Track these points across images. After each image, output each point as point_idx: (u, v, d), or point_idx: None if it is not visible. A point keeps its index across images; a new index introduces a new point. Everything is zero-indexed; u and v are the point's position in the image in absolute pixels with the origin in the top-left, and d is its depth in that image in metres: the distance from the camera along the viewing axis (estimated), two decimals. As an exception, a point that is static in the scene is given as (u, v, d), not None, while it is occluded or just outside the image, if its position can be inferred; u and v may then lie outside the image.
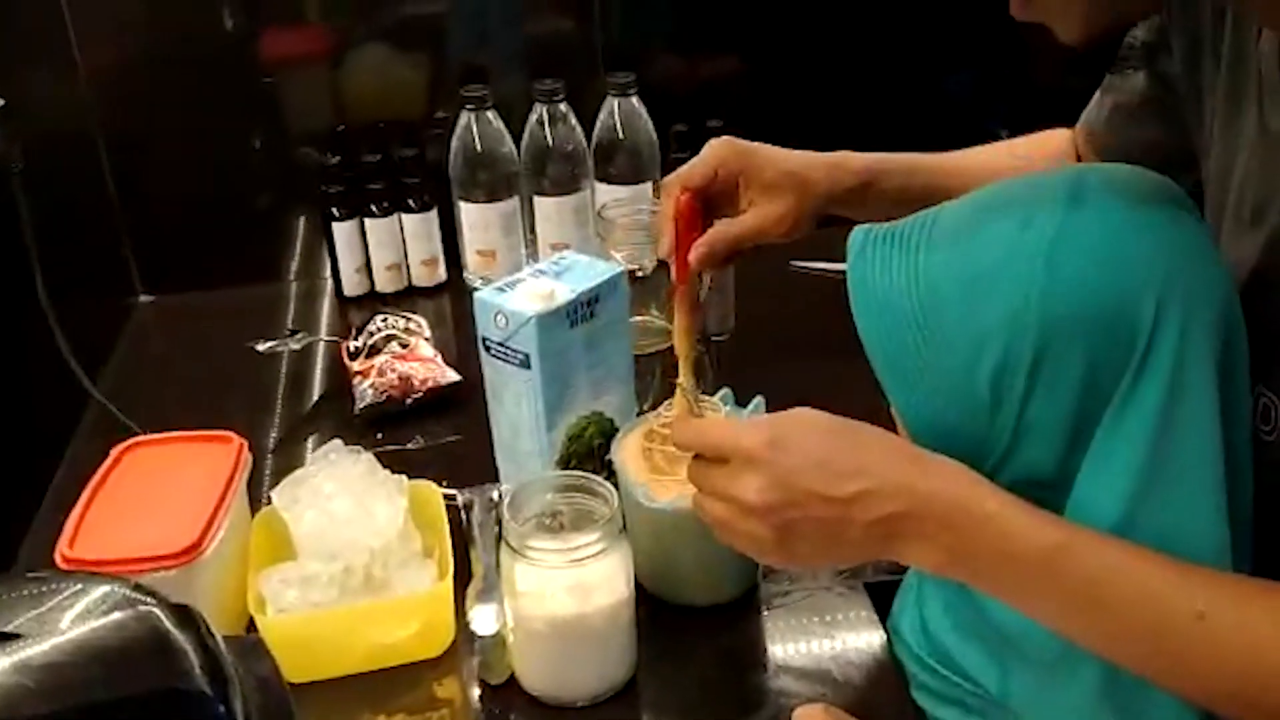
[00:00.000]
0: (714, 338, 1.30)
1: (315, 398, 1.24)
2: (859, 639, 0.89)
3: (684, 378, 0.85)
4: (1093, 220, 0.65)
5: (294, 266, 1.49)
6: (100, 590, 0.54)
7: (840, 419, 0.69)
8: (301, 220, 1.48)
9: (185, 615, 0.50)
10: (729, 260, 0.93)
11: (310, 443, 1.15)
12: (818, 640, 0.89)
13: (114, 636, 0.48)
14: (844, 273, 1.37)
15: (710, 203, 0.92)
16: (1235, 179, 0.72)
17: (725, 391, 0.94)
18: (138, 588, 0.54)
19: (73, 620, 0.51)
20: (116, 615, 0.49)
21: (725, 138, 0.94)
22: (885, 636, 0.87)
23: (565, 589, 0.82)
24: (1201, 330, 0.63)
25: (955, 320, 0.67)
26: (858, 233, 0.73)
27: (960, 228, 0.69)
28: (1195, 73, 0.78)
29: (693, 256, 0.89)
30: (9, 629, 0.51)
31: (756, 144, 0.94)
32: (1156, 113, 0.88)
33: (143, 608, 0.49)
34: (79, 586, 0.55)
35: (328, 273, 1.43)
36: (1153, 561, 0.62)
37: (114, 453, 0.94)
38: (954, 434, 0.68)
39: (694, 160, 0.93)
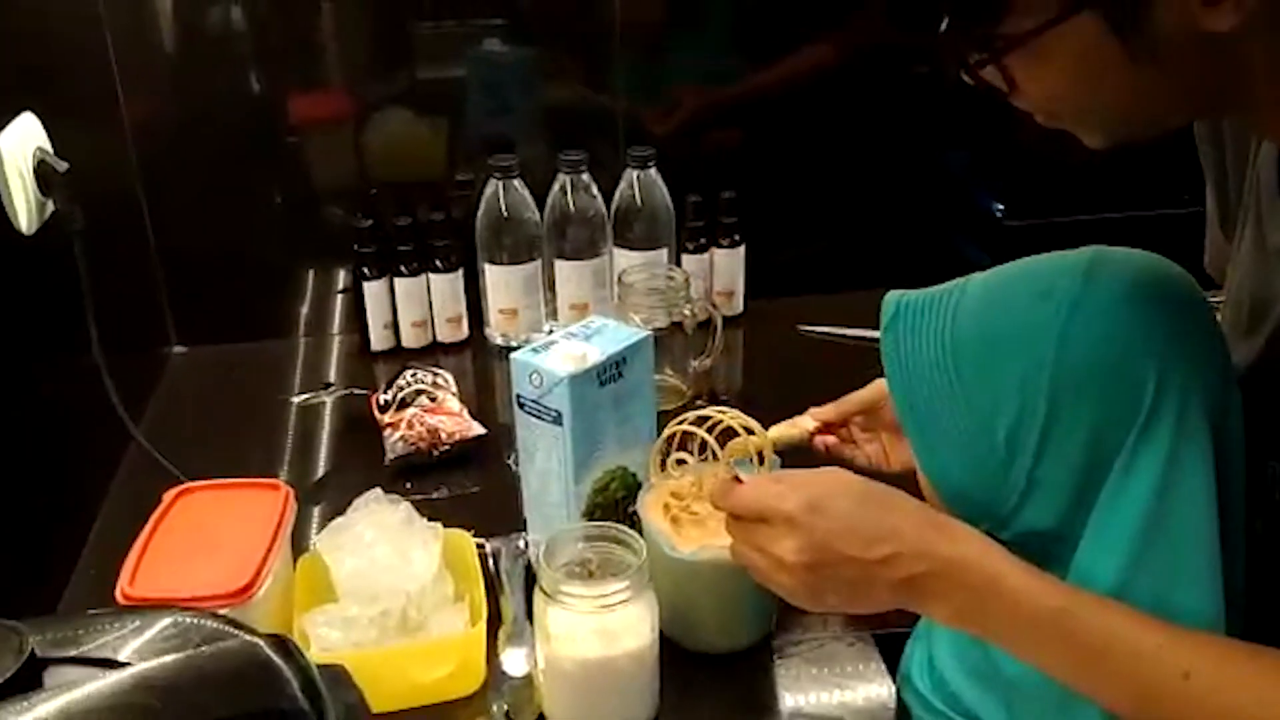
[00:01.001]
0: (723, 398, 1.36)
1: (345, 448, 1.29)
2: (869, 688, 0.94)
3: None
4: (1105, 294, 0.72)
5: (321, 321, 1.56)
6: (194, 618, 0.60)
7: (870, 482, 0.76)
8: (330, 274, 1.54)
9: (282, 644, 0.56)
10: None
11: (342, 492, 1.20)
12: (829, 688, 0.94)
13: (223, 662, 0.53)
14: (850, 337, 1.44)
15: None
16: (1232, 290, 0.79)
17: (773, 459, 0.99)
18: (225, 619, 0.60)
19: (174, 648, 0.56)
20: (219, 644, 0.55)
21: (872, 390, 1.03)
22: (893, 686, 0.93)
23: (594, 632, 0.87)
24: (1200, 402, 0.69)
25: (976, 381, 0.74)
26: (890, 298, 0.80)
27: (987, 296, 0.77)
28: (1225, 181, 0.83)
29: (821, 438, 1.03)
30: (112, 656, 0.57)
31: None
32: None
33: (246, 637, 0.55)
34: (173, 616, 0.60)
35: (352, 328, 1.49)
36: (1145, 624, 0.68)
37: (167, 497, 1.00)
38: (972, 489, 0.75)
39: (842, 402, 1.04)
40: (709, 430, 0.93)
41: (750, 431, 0.93)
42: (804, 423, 1.04)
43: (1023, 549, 0.73)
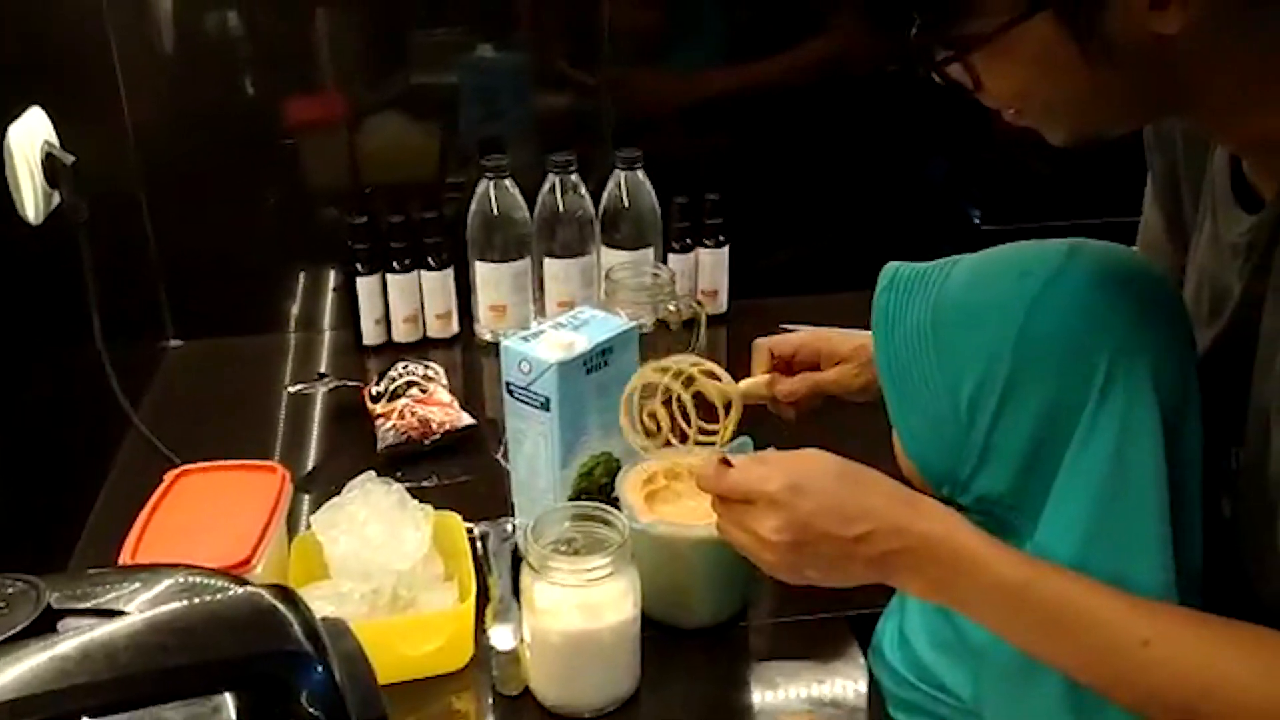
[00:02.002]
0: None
1: (337, 438, 1.33)
2: (842, 663, 0.98)
3: (722, 439, 0.96)
4: (1077, 277, 0.76)
5: (314, 315, 1.59)
6: (198, 577, 0.63)
7: (847, 463, 0.80)
8: (323, 271, 1.58)
9: (285, 592, 0.59)
10: (807, 402, 1.06)
11: (334, 479, 1.23)
12: (804, 663, 0.98)
13: (229, 607, 0.57)
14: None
15: (792, 369, 1.08)
16: (1191, 284, 0.84)
17: (744, 440, 1.04)
18: (230, 576, 0.64)
19: (184, 596, 0.60)
20: (227, 591, 0.59)
21: (812, 330, 1.09)
22: (866, 662, 0.97)
23: (578, 607, 0.91)
24: (1152, 389, 0.74)
25: (950, 347, 0.79)
26: (889, 267, 0.85)
27: (973, 271, 0.81)
28: (1175, 188, 0.89)
29: (782, 389, 1.04)
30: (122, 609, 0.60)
31: (834, 329, 1.08)
32: None
33: (250, 587, 0.59)
34: (179, 575, 0.64)
35: (345, 321, 1.53)
36: (1106, 594, 0.72)
37: (167, 478, 1.03)
38: (936, 452, 0.80)
39: (785, 336, 1.10)
40: (677, 380, 0.97)
41: (717, 379, 0.98)
42: (762, 379, 1.07)
43: (982, 517, 0.78)
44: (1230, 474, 0.77)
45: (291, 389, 1.37)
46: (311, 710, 0.56)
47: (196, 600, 0.58)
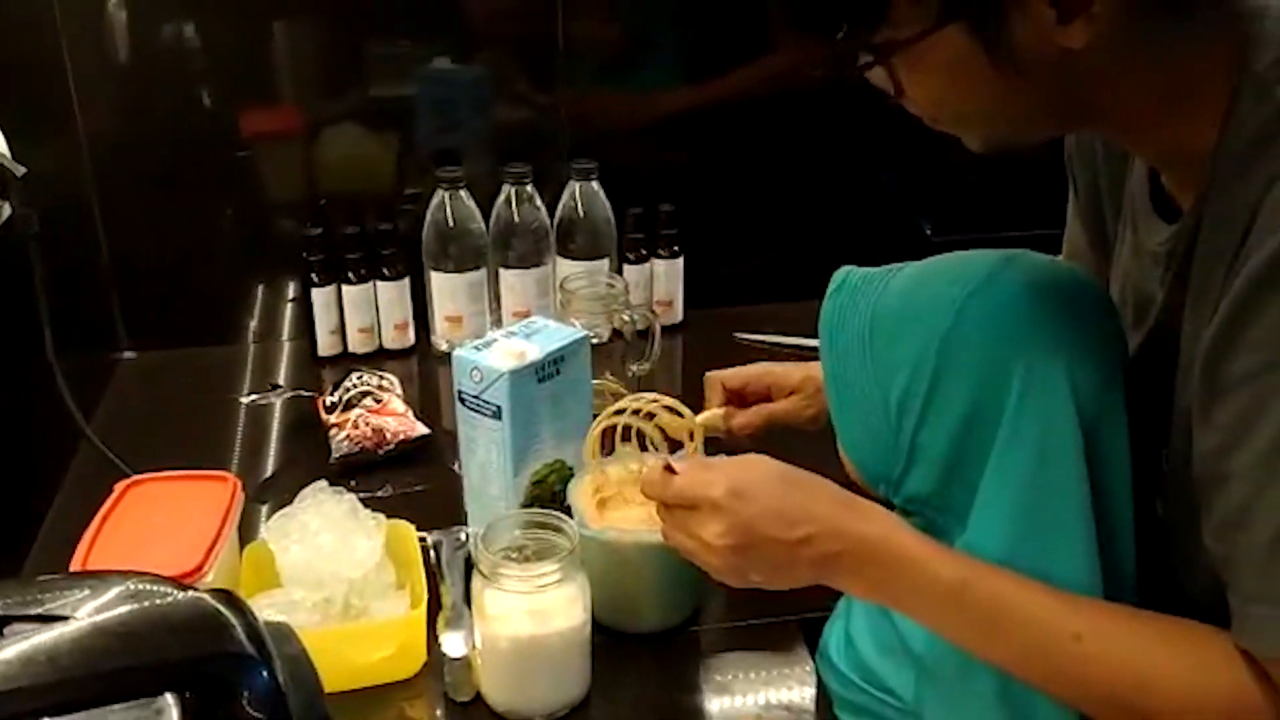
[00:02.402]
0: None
1: (291, 448, 1.33)
2: (790, 667, 0.99)
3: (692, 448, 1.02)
4: (1005, 285, 0.78)
5: (269, 326, 1.59)
6: (142, 582, 0.64)
7: (789, 468, 0.82)
8: (277, 284, 1.58)
9: (228, 597, 0.60)
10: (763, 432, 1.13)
11: (289, 490, 1.23)
12: (753, 667, 0.99)
13: (175, 610, 0.58)
14: (784, 345, 1.52)
15: (745, 401, 1.15)
16: (1116, 292, 0.86)
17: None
18: (174, 582, 0.64)
19: (129, 601, 0.60)
20: (171, 596, 0.59)
21: (761, 365, 1.17)
22: (814, 665, 0.98)
23: (528, 613, 0.92)
24: (1070, 401, 0.76)
25: (884, 349, 0.81)
26: (840, 272, 0.88)
27: (913, 276, 0.84)
28: (1097, 201, 0.91)
29: (738, 422, 1.12)
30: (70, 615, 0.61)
31: (786, 364, 1.16)
32: None
33: (194, 592, 0.59)
34: (124, 579, 0.64)
35: (301, 333, 1.53)
36: (1039, 592, 0.74)
37: (117, 489, 1.03)
38: (870, 453, 0.83)
39: (736, 370, 1.17)
40: (637, 416, 1.00)
41: (679, 414, 1.01)
42: (719, 412, 1.14)
43: (914, 517, 0.80)
44: (1161, 475, 0.79)
45: (245, 400, 1.37)
46: (254, 713, 0.56)
47: (145, 604, 0.59)
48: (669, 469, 0.84)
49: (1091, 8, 0.65)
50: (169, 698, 0.56)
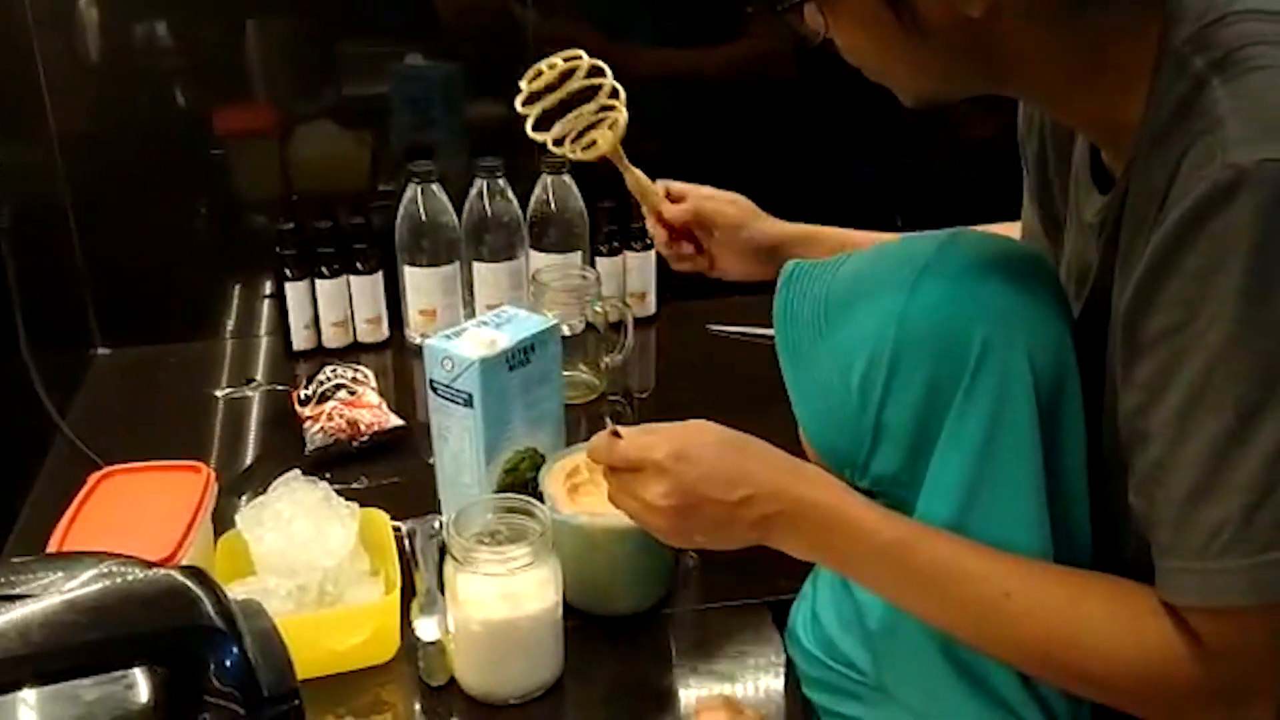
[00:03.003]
0: (637, 395, 1.43)
1: (265, 442, 1.34)
2: (759, 647, 1.01)
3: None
4: (953, 261, 0.80)
5: (244, 323, 1.60)
6: (114, 563, 0.65)
7: (730, 432, 0.84)
8: (252, 280, 1.58)
9: (198, 573, 0.61)
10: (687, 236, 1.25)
11: (264, 483, 1.24)
12: (723, 648, 1.01)
13: (144, 586, 0.59)
14: (758, 335, 1.54)
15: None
16: (1064, 267, 0.88)
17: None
18: (145, 562, 0.65)
19: (101, 580, 0.61)
20: (141, 574, 0.60)
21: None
22: (782, 644, 1.00)
23: (500, 596, 0.93)
24: (1026, 369, 0.77)
25: (840, 333, 0.82)
26: (787, 265, 0.89)
27: (863, 261, 0.85)
28: (1046, 180, 0.93)
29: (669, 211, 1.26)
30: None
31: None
32: None
33: (161, 569, 0.60)
34: (97, 561, 0.65)
35: (276, 329, 1.54)
36: (973, 550, 0.76)
37: (91, 480, 1.04)
38: (835, 438, 0.84)
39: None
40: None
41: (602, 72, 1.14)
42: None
43: (880, 498, 0.81)
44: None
45: (219, 393, 1.38)
46: (224, 686, 0.58)
47: (116, 581, 0.60)
48: (615, 434, 0.86)
49: None
50: (139, 672, 0.58)
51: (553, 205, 1.48)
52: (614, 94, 1.22)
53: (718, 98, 1.62)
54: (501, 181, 1.46)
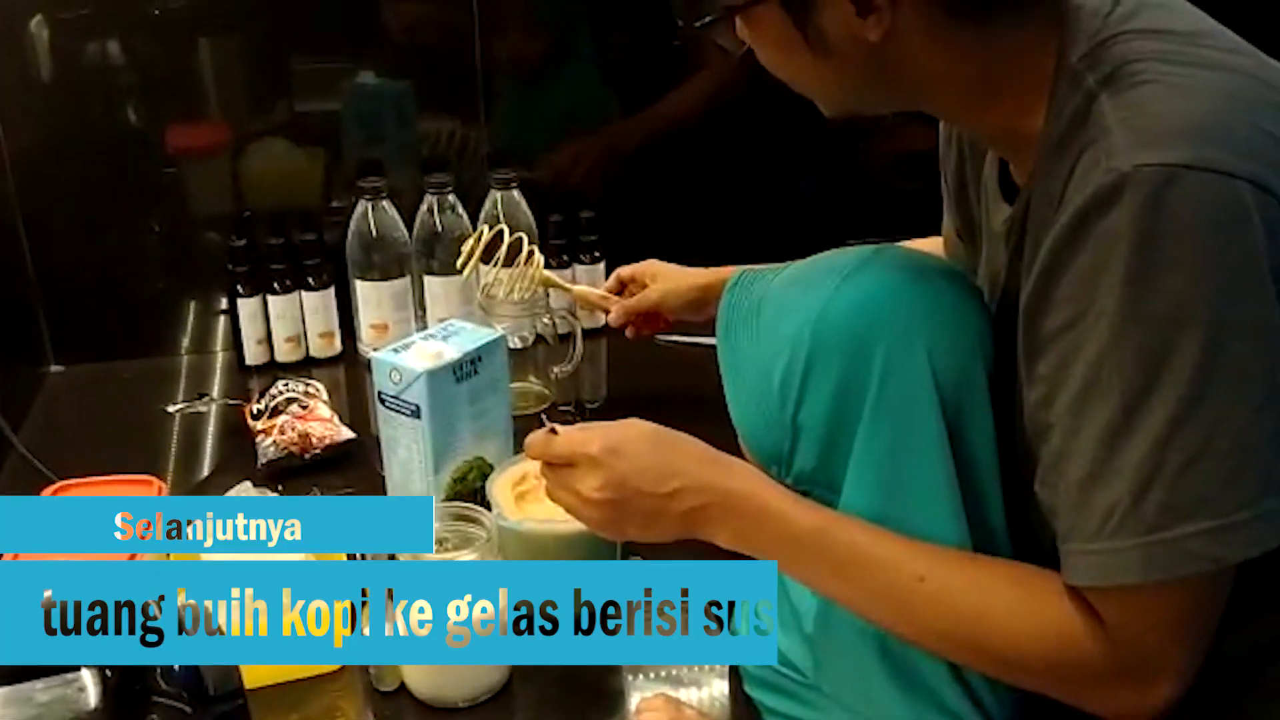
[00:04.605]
0: (588, 405, 1.45)
1: (219, 456, 1.35)
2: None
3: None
4: (872, 276, 0.84)
5: (198, 339, 1.61)
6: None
7: (661, 428, 0.87)
8: (205, 297, 1.60)
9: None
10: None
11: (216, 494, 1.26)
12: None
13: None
14: (705, 345, 1.58)
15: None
16: (981, 272, 0.92)
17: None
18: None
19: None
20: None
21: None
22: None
23: (449, 602, 0.95)
24: (928, 371, 0.81)
25: (767, 335, 0.86)
26: (735, 271, 0.93)
27: (798, 269, 0.89)
28: (964, 194, 0.96)
29: (616, 311, 1.37)
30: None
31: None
32: None
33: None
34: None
35: (230, 344, 1.55)
36: (888, 538, 0.80)
37: (45, 493, 1.05)
38: (761, 435, 0.87)
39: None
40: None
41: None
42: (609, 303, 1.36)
43: (809, 495, 0.84)
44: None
45: (171, 409, 1.39)
46: (169, 686, 0.60)
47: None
48: (552, 431, 0.89)
49: (882, 9, 0.73)
50: (87, 674, 0.60)
51: (502, 220, 1.50)
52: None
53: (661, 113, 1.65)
54: (451, 197, 1.49)
